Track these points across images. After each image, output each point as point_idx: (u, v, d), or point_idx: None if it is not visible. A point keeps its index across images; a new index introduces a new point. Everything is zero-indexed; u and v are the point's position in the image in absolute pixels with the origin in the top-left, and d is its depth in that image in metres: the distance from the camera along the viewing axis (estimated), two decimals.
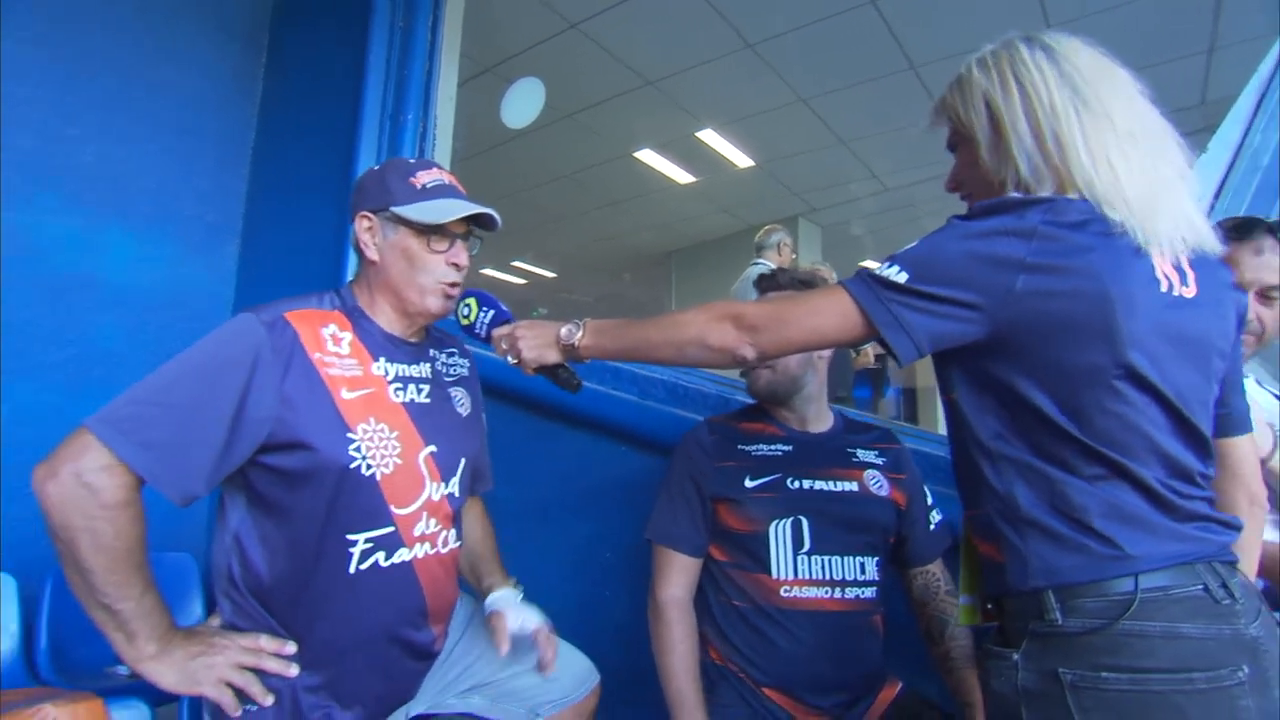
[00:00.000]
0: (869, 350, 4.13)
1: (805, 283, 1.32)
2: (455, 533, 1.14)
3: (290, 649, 0.99)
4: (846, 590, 1.23)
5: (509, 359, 1.07)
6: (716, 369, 1.16)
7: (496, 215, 1.10)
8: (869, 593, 1.25)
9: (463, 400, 1.20)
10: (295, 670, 0.99)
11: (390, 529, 1.03)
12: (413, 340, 1.15)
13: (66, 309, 2.08)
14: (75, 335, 2.09)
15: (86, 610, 0.90)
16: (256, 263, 2.44)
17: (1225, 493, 0.87)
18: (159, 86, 2.29)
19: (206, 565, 2.03)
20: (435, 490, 1.08)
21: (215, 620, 1.03)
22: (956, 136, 0.89)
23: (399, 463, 1.03)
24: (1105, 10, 3.46)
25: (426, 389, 1.12)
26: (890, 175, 5.77)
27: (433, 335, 1.22)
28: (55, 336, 2.05)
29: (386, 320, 1.11)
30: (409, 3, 2.21)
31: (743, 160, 5.65)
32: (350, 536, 1.00)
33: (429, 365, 1.16)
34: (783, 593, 1.22)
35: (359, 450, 0.99)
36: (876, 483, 1.31)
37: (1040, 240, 0.73)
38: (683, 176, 6.02)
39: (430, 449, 1.08)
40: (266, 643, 0.99)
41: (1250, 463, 0.91)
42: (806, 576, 1.22)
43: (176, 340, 2.10)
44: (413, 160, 1.13)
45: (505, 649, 1.10)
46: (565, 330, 1.02)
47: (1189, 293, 0.77)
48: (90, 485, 0.86)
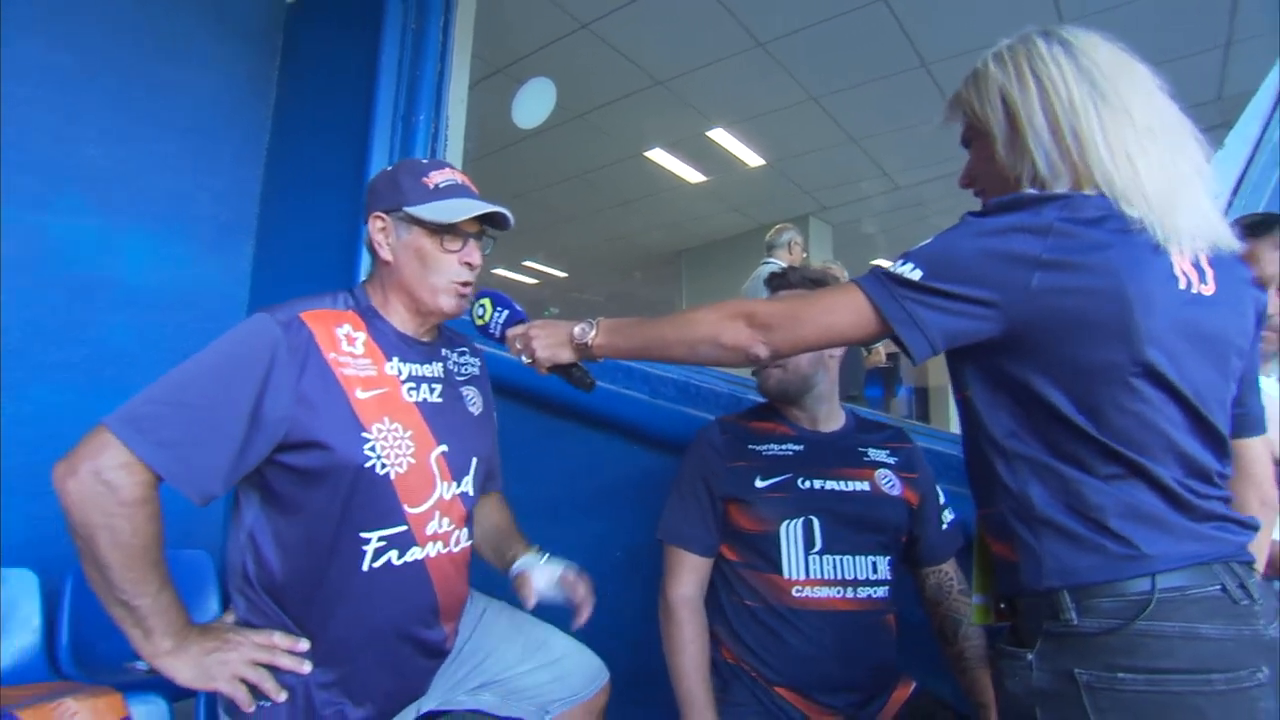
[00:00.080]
0: (880, 349, 4.12)
1: (816, 281, 1.31)
2: (467, 531, 1.15)
3: (304, 646, 1.00)
4: (859, 590, 1.22)
5: (523, 359, 1.08)
6: (729, 367, 1.15)
7: (509, 214, 1.10)
8: (881, 592, 1.24)
9: (474, 399, 1.21)
10: (308, 667, 1.00)
11: (403, 528, 1.03)
12: (425, 340, 1.15)
13: (81, 309, 2.09)
14: (90, 335, 2.10)
15: (105, 606, 0.91)
16: (271, 263, 2.46)
17: (1237, 493, 0.86)
18: (174, 88, 2.32)
19: (222, 563, 2.05)
20: (446, 489, 1.08)
21: (230, 617, 1.04)
22: (971, 132, 0.88)
23: (412, 462, 1.03)
24: (1119, 5, 3.42)
25: (439, 388, 1.13)
26: (901, 173, 5.74)
27: (444, 334, 1.23)
28: (70, 336, 2.06)
29: (400, 320, 1.12)
30: (421, 5, 2.23)
31: (753, 159, 5.64)
32: (364, 535, 1.00)
33: (441, 365, 1.17)
34: (794, 592, 1.21)
35: (374, 450, 1.00)
36: (888, 482, 1.30)
37: (1056, 237, 0.72)
38: (693, 176, 6.01)
39: (442, 448, 1.08)
40: (280, 640, 0.99)
41: (1264, 463, 0.90)
42: (818, 576, 1.22)
43: (190, 340, 2.12)
44: (425, 161, 1.14)
45: (532, 602, 1.09)
46: (578, 329, 1.02)
47: (1207, 290, 0.76)
48: (109, 483, 0.87)
